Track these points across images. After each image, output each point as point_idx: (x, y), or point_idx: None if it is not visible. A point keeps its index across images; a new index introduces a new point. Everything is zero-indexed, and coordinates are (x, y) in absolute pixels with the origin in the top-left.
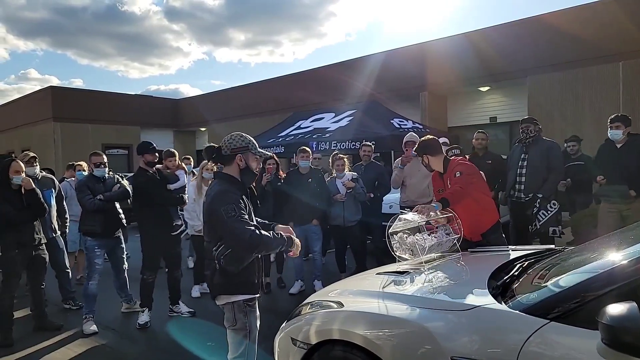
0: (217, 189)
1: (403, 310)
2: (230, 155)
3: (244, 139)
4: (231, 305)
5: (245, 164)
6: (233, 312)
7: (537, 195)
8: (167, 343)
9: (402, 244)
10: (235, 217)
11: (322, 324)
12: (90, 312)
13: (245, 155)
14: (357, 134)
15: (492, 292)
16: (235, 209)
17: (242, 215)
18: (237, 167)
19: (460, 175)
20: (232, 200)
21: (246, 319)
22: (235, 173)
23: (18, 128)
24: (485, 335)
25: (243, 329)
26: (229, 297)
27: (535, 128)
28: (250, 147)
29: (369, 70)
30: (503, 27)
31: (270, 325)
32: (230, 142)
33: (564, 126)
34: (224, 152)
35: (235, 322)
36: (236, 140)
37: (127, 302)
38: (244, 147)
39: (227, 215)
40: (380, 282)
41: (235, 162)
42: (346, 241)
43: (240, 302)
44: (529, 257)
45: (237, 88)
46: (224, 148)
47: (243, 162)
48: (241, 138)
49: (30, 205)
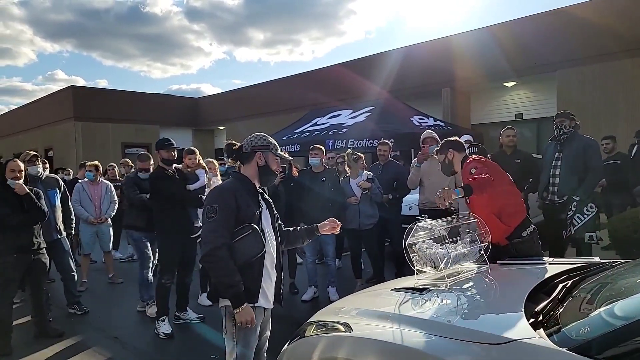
0: (219, 186)
1: (420, 339)
2: (251, 152)
3: (266, 139)
4: (224, 311)
5: (264, 162)
6: (224, 318)
7: (572, 198)
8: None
9: (421, 255)
10: (212, 219)
11: (326, 349)
12: (151, 297)
13: (265, 154)
14: (374, 131)
15: (530, 319)
16: (217, 211)
17: (221, 221)
18: (256, 166)
19: (477, 170)
20: (220, 201)
21: (234, 330)
22: (251, 173)
23: (41, 127)
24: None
25: (231, 339)
26: (223, 300)
27: (572, 123)
28: (272, 147)
29: (389, 67)
30: (529, 20)
31: (279, 336)
32: (252, 140)
33: (595, 123)
34: (245, 149)
35: (225, 330)
36: (258, 139)
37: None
38: (265, 146)
39: (207, 215)
40: (394, 301)
41: (254, 160)
42: (362, 245)
43: (231, 310)
44: (572, 273)
45: (255, 86)
46: (245, 146)
47: (262, 160)
48: (263, 137)
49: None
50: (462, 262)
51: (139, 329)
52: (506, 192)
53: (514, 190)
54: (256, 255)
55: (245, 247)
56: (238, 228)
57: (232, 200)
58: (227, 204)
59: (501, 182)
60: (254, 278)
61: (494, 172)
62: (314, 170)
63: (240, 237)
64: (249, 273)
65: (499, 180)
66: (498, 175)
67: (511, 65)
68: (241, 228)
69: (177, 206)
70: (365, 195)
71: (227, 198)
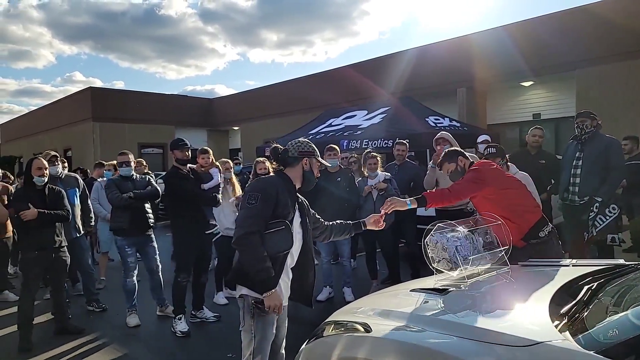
0: (264, 178)
1: (442, 340)
2: (298, 157)
3: (312, 146)
4: (243, 302)
5: (309, 167)
6: (243, 310)
7: (594, 199)
8: (197, 354)
9: (441, 256)
10: (253, 206)
11: (345, 349)
12: (132, 307)
13: (310, 160)
14: (390, 131)
15: (555, 322)
16: (258, 199)
17: (260, 209)
18: (301, 170)
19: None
20: (264, 191)
21: (252, 322)
22: (295, 175)
23: (60, 128)
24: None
25: (249, 332)
26: (240, 288)
27: (593, 123)
28: (316, 154)
29: (404, 66)
30: (547, 19)
31: (295, 336)
32: (299, 145)
33: (615, 123)
34: (291, 153)
35: (243, 322)
36: (304, 145)
37: (160, 305)
38: (311, 152)
39: (248, 201)
40: (414, 302)
41: (300, 164)
42: (377, 245)
43: (250, 301)
44: (596, 275)
45: (269, 87)
46: (291, 150)
47: (308, 165)
48: (309, 144)
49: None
50: (482, 263)
51: (156, 327)
52: (511, 194)
53: (522, 192)
54: (283, 251)
55: (275, 241)
56: (273, 221)
57: (274, 193)
58: (270, 196)
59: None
60: (275, 273)
61: (493, 178)
62: (330, 170)
63: (272, 230)
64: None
65: (501, 183)
66: (498, 180)
67: (529, 65)
68: (276, 222)
69: (192, 205)
70: (381, 196)
71: (271, 190)
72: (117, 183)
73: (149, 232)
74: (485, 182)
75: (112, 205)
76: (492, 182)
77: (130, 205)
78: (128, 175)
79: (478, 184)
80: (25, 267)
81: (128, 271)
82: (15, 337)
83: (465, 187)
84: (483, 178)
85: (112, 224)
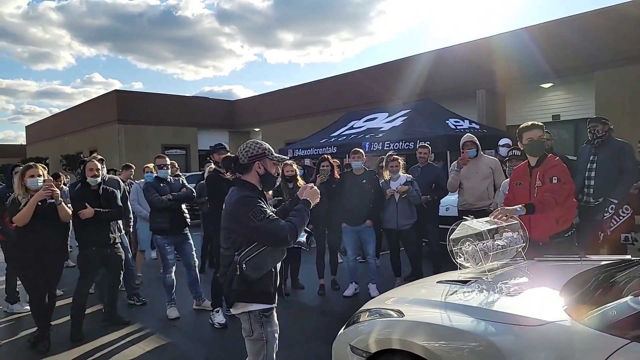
0: (237, 196)
1: (467, 322)
2: (248, 163)
3: (260, 146)
4: (247, 315)
5: (264, 169)
6: (249, 322)
7: (608, 200)
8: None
9: (464, 251)
10: (265, 218)
11: (381, 332)
12: (171, 300)
13: (262, 162)
14: (410, 134)
15: (564, 306)
16: (261, 212)
17: (269, 215)
18: (257, 175)
19: (557, 182)
20: (255, 204)
21: (262, 329)
22: (254, 180)
23: (86, 130)
24: (558, 355)
25: (260, 339)
26: (245, 305)
27: (604, 128)
28: (267, 153)
29: (423, 69)
30: (567, 21)
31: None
32: (247, 151)
33: (634, 124)
34: (242, 161)
35: (252, 332)
36: (252, 148)
37: (197, 299)
38: (261, 154)
39: (257, 220)
40: (441, 291)
41: (254, 170)
42: (400, 244)
43: (256, 312)
44: (604, 269)
45: (289, 89)
46: (241, 157)
47: (262, 168)
48: (257, 145)
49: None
50: (501, 258)
51: (194, 319)
52: (567, 204)
53: (572, 203)
54: (281, 260)
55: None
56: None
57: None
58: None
59: (570, 193)
60: (273, 281)
61: (571, 184)
62: (355, 173)
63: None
64: (268, 278)
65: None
66: (569, 185)
67: (549, 67)
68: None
69: None
70: (403, 198)
71: (255, 200)
72: (155, 185)
73: (186, 231)
74: (570, 183)
75: (153, 207)
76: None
77: (170, 207)
78: (165, 177)
79: (568, 184)
80: (83, 263)
81: (167, 267)
82: (63, 328)
83: (561, 192)
84: (569, 180)
85: (153, 225)
